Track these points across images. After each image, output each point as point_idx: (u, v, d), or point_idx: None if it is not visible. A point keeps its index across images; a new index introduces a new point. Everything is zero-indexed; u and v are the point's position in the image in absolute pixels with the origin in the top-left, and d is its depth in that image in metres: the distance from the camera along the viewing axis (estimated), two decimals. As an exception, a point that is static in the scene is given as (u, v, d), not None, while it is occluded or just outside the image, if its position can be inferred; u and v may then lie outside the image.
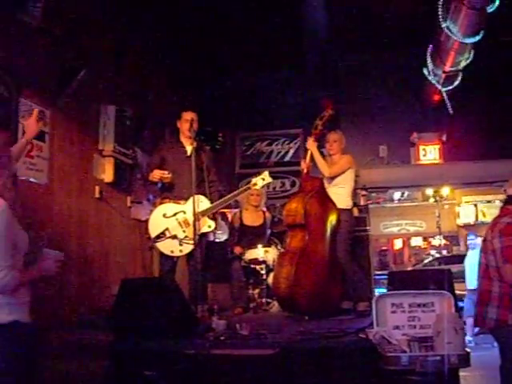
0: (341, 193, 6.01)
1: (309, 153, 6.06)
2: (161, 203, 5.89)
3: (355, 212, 6.84)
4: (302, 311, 5.40)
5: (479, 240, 10.28)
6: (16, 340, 2.79)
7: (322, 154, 6.16)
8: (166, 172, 5.67)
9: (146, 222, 7.15)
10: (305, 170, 6.06)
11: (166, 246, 5.62)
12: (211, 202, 5.71)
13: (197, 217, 5.45)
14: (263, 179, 5.97)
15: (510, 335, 3.67)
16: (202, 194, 5.61)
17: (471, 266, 9.34)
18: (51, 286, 4.95)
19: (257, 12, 7.63)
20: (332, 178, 6.04)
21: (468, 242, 10.04)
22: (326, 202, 5.82)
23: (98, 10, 6.55)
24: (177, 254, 5.60)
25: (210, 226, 5.81)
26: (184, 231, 5.58)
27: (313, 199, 5.69)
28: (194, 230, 5.38)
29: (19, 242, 2.84)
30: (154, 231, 5.66)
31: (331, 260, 5.69)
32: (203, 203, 5.61)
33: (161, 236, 5.61)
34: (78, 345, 4.57)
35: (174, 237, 5.59)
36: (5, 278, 2.68)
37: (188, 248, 5.53)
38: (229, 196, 5.89)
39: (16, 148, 3.60)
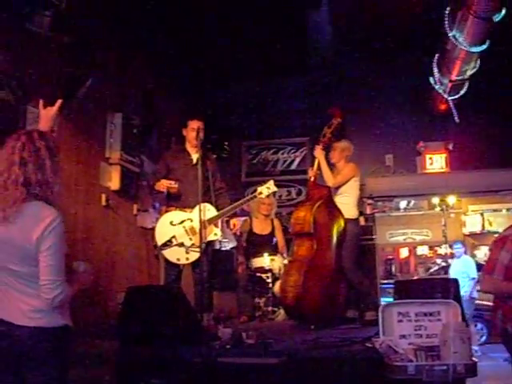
0: (346, 202, 6.01)
1: (316, 161, 6.07)
2: (166, 211, 5.90)
3: (361, 221, 6.84)
4: (308, 320, 5.39)
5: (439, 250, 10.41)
6: (67, 343, 2.81)
7: (329, 163, 6.17)
8: (173, 182, 5.68)
9: (153, 229, 7.18)
10: (312, 179, 6.06)
11: (173, 254, 5.62)
12: (218, 210, 5.72)
13: (203, 225, 5.46)
14: (268, 188, 5.97)
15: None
16: (208, 203, 5.62)
17: (456, 274, 9.40)
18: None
19: (263, 21, 7.65)
20: (337, 188, 6.04)
21: (454, 250, 10.08)
22: (334, 211, 5.81)
23: (105, 19, 6.58)
24: (183, 261, 5.60)
25: (216, 234, 5.82)
26: (191, 239, 5.58)
27: (321, 208, 5.68)
28: (201, 238, 5.38)
29: None
30: (160, 239, 5.66)
31: (337, 269, 5.68)
32: (210, 211, 5.61)
33: (167, 244, 5.61)
34: (84, 353, 4.56)
35: (181, 244, 5.59)
36: (63, 293, 2.65)
37: (194, 256, 5.52)
38: (235, 204, 5.89)
39: None
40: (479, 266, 10.33)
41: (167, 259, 5.74)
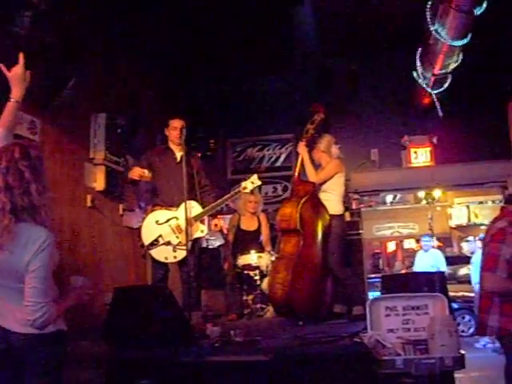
0: (330, 198, 6.01)
1: (299, 157, 6.07)
2: (152, 210, 5.89)
3: (347, 217, 6.84)
4: (297, 316, 5.40)
5: (433, 242, 10.51)
6: (61, 348, 2.86)
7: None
8: (146, 171, 5.66)
9: (139, 229, 7.15)
10: (296, 175, 6.06)
11: (160, 253, 5.61)
12: (204, 207, 5.71)
13: (189, 222, 5.46)
14: (253, 182, 5.98)
15: None
16: (193, 200, 5.61)
17: (425, 267, 9.50)
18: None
19: (248, 19, 7.63)
20: (320, 184, 6.04)
21: (422, 243, 10.18)
22: (319, 207, 5.83)
23: (87, 18, 6.53)
24: (171, 260, 5.59)
25: (202, 231, 5.81)
26: (177, 237, 5.58)
27: (307, 204, 5.69)
28: (187, 236, 5.37)
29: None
30: (147, 238, 5.64)
31: (324, 265, 5.70)
32: (195, 208, 5.61)
33: (154, 243, 5.60)
34: (72, 354, 4.54)
35: (168, 243, 5.58)
36: (44, 316, 2.64)
37: (182, 254, 5.52)
38: (219, 200, 5.88)
39: (5, 117, 3.18)
40: (466, 259, 10.41)
41: (154, 258, 5.73)
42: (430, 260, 9.95)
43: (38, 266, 2.63)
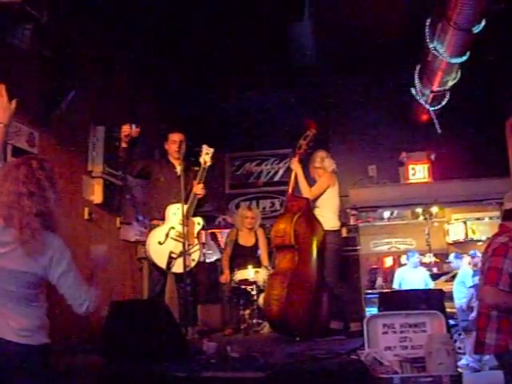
0: (325, 214, 6.01)
1: (293, 173, 6.09)
2: (150, 226, 5.91)
3: (344, 232, 6.81)
4: (293, 332, 5.38)
5: (423, 259, 10.49)
6: (49, 360, 2.91)
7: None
8: (134, 125, 5.62)
9: (136, 242, 7.15)
10: (289, 191, 6.06)
11: (181, 265, 5.59)
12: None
13: (185, 223, 5.49)
14: (207, 153, 5.97)
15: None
16: (187, 213, 5.64)
17: (416, 285, 9.46)
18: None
19: (246, 33, 7.66)
20: (314, 200, 6.04)
21: (410, 260, 10.15)
22: (313, 223, 5.82)
23: (87, 32, 6.56)
24: (193, 264, 5.70)
25: (199, 223, 5.87)
26: (184, 243, 5.58)
27: (301, 219, 5.68)
28: (184, 248, 5.38)
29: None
30: (162, 263, 5.63)
31: (320, 280, 5.68)
32: (179, 209, 5.61)
33: (170, 261, 5.60)
34: (68, 368, 4.51)
35: (181, 253, 5.59)
36: (91, 299, 2.99)
37: (197, 254, 5.68)
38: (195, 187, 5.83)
39: None
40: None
41: (151, 272, 5.73)
42: (420, 276, 9.92)
43: (63, 268, 2.91)
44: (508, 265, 3.58)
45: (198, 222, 5.86)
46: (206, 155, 5.95)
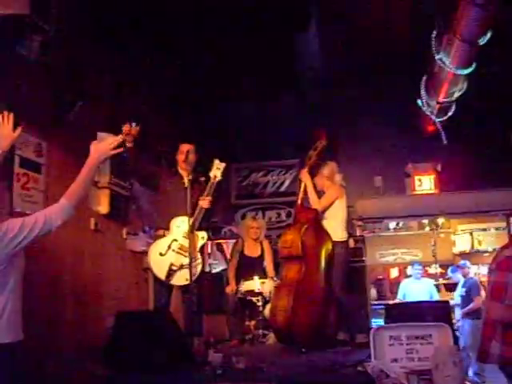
0: (333, 225, 6.02)
1: (302, 184, 6.10)
2: (155, 236, 5.93)
3: (351, 243, 6.81)
4: (299, 343, 5.37)
5: (429, 270, 10.45)
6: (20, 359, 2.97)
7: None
8: (134, 124, 5.62)
9: (142, 253, 7.15)
10: (299, 201, 6.06)
11: (180, 278, 5.61)
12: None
13: (188, 237, 5.49)
14: (218, 168, 5.93)
15: None
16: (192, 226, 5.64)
17: (421, 296, 9.42)
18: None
19: (253, 43, 7.69)
20: (323, 212, 6.04)
21: (413, 271, 10.11)
22: (321, 234, 5.83)
23: (95, 42, 6.60)
24: (194, 277, 5.58)
25: (203, 238, 5.84)
26: (186, 256, 5.57)
27: (308, 230, 5.69)
28: (190, 260, 5.38)
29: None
30: (161, 274, 5.63)
31: (327, 291, 5.68)
32: (185, 222, 5.61)
33: (170, 273, 5.60)
34: (73, 379, 4.52)
35: (181, 266, 5.59)
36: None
37: (198, 267, 5.61)
38: (201, 202, 5.83)
39: None
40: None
41: (157, 282, 5.73)
42: (424, 288, 9.88)
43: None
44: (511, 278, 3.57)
45: (202, 236, 5.84)
46: (217, 170, 5.94)
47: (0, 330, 2.90)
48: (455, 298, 9.75)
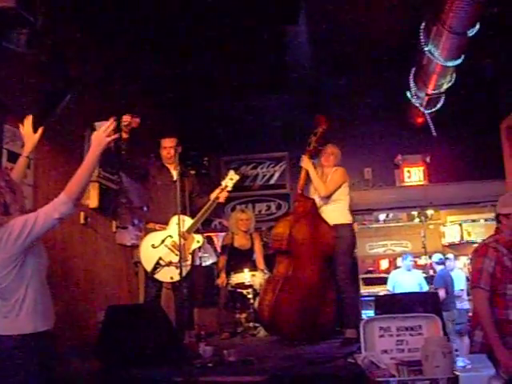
0: (339, 208, 5.83)
1: (303, 172, 5.89)
2: (145, 229, 5.91)
3: (355, 228, 6.54)
4: (285, 338, 5.37)
5: (419, 261, 10.54)
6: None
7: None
8: (135, 116, 5.62)
9: (132, 246, 7.13)
10: (299, 190, 5.90)
11: (165, 275, 5.60)
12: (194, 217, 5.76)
13: (184, 236, 5.47)
14: (231, 179, 6.00)
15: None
16: (190, 227, 5.67)
17: (411, 287, 9.50)
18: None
19: (240, 36, 7.67)
20: (329, 195, 5.82)
21: (404, 262, 10.17)
22: (318, 224, 5.68)
23: (83, 35, 6.55)
24: (177, 278, 5.53)
25: (198, 242, 5.85)
26: (177, 254, 5.56)
27: (300, 223, 5.60)
28: (180, 253, 5.37)
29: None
30: (148, 265, 5.64)
31: (320, 285, 5.56)
32: (186, 222, 5.62)
33: (157, 267, 5.59)
34: (65, 373, 4.50)
35: (169, 263, 5.58)
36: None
37: (185, 269, 5.51)
38: (207, 206, 5.87)
39: (16, 171, 3.80)
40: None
41: (148, 276, 5.72)
42: (414, 279, 9.94)
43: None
44: (487, 264, 3.68)
45: (198, 240, 5.84)
46: (230, 180, 6.01)
47: (19, 321, 3.05)
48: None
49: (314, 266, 5.59)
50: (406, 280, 9.89)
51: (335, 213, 5.76)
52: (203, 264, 8.97)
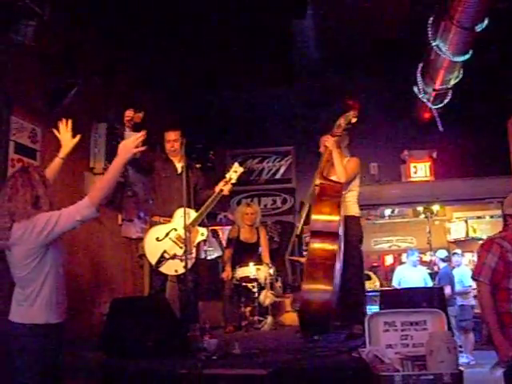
0: (351, 199, 5.61)
1: (326, 153, 5.58)
2: (150, 222, 5.92)
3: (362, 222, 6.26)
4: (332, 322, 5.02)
5: (423, 257, 10.53)
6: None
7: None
8: (138, 111, 5.62)
9: (137, 239, 7.14)
10: (324, 172, 5.54)
11: (170, 268, 5.61)
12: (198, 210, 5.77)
13: (188, 229, 5.47)
14: (235, 171, 6.00)
15: None
16: (195, 220, 5.68)
17: (417, 283, 9.50)
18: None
19: (248, 32, 7.65)
20: (347, 184, 5.55)
21: (409, 258, 10.15)
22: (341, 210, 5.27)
23: (90, 29, 6.56)
24: (182, 271, 5.55)
25: (202, 234, 5.84)
26: (181, 247, 5.57)
27: (340, 206, 5.19)
28: (186, 246, 5.39)
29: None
30: (153, 258, 5.64)
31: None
32: (190, 214, 5.63)
33: (161, 260, 5.60)
34: (70, 365, 4.52)
35: (174, 256, 5.59)
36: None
37: (190, 262, 5.52)
38: (211, 199, 5.86)
39: (51, 169, 3.96)
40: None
41: (152, 269, 5.73)
42: (419, 275, 9.92)
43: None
44: (490, 259, 3.74)
45: (202, 233, 5.83)
46: (234, 173, 6.00)
47: (32, 311, 3.24)
48: None
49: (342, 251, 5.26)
50: (411, 276, 9.86)
51: (347, 203, 5.52)
52: (208, 257, 8.98)
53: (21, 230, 3.21)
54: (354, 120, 5.64)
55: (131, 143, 3.34)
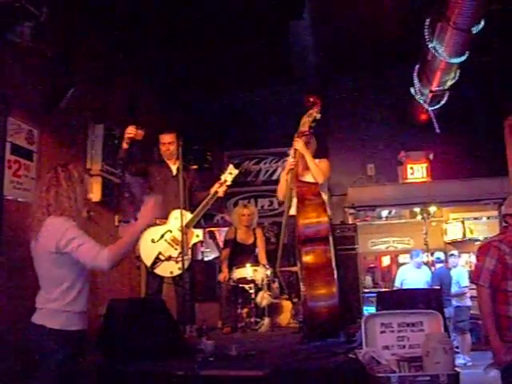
0: (326, 202, 5.32)
1: (297, 154, 5.43)
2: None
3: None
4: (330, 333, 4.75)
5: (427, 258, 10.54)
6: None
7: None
8: (139, 128, 5.64)
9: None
10: (299, 177, 5.44)
11: (165, 269, 5.62)
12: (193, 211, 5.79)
13: (184, 231, 5.48)
14: (231, 173, 6.00)
15: None
16: (190, 222, 5.68)
17: (419, 284, 9.50)
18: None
19: (245, 31, 7.66)
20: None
21: (413, 259, 10.14)
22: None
23: (87, 29, 6.55)
24: (177, 272, 5.60)
25: (198, 236, 5.86)
26: (176, 249, 5.59)
27: (325, 204, 5.03)
28: (182, 248, 5.38)
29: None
30: (148, 260, 5.66)
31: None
32: (185, 216, 5.63)
33: (156, 261, 5.61)
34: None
35: (169, 258, 5.60)
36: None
37: (185, 264, 5.53)
38: (206, 200, 5.87)
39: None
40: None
41: (149, 271, 5.73)
42: (423, 276, 9.91)
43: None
44: (488, 262, 3.76)
45: (197, 234, 5.85)
46: (229, 175, 6.00)
47: (54, 316, 3.21)
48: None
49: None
50: (414, 277, 9.82)
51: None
52: (205, 259, 8.99)
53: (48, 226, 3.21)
54: (318, 116, 5.46)
55: (151, 210, 3.38)
